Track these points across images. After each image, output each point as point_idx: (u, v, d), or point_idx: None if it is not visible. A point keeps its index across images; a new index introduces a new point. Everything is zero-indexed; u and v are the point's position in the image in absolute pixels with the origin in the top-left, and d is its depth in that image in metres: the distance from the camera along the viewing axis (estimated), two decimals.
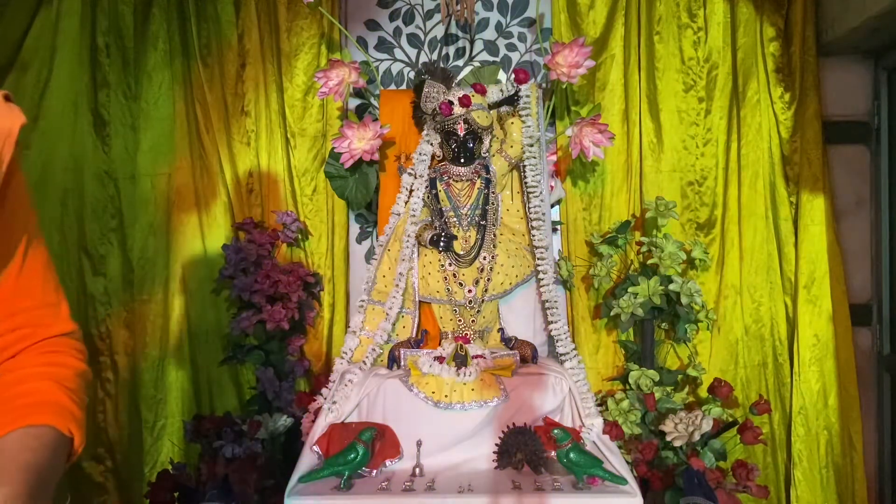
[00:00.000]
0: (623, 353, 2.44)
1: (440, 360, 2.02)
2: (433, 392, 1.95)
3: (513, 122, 2.18)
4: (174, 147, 2.50)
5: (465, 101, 2.07)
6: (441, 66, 2.35)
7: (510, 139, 2.18)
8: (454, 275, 2.12)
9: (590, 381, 2.11)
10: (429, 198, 2.18)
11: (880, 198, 2.53)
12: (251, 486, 1.90)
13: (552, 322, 2.15)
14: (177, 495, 2.04)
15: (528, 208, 2.18)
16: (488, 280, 2.13)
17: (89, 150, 2.49)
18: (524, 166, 2.18)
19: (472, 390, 1.94)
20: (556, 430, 1.78)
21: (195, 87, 2.49)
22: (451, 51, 2.53)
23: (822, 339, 2.45)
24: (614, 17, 2.47)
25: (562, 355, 2.11)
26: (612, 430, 2.05)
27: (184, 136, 2.51)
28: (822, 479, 2.44)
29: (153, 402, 2.49)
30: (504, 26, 2.51)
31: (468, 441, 1.91)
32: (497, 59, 2.50)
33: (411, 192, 2.20)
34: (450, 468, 1.86)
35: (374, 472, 1.84)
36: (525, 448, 1.83)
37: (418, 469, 1.85)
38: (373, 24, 2.52)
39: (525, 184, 2.19)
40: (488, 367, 2.01)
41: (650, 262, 2.30)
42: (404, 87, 2.50)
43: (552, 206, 2.41)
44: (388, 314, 2.13)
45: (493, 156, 2.19)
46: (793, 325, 2.47)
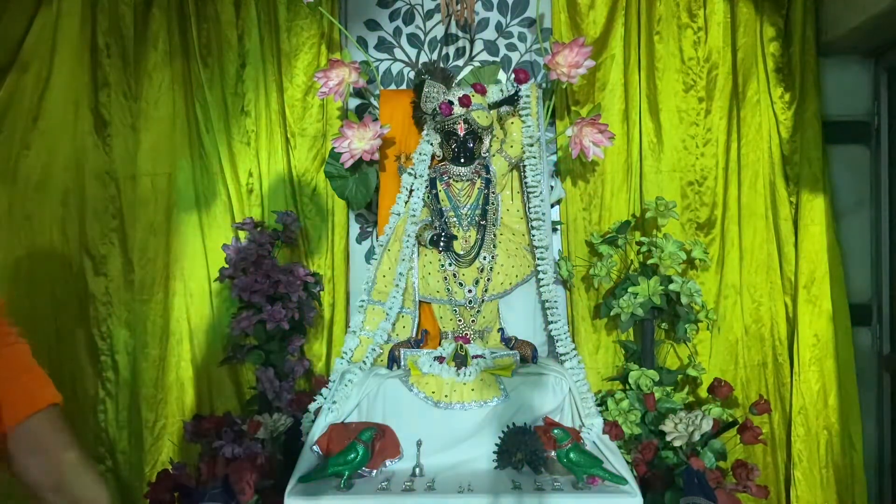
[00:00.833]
0: (623, 353, 2.44)
1: (440, 360, 2.02)
2: (433, 392, 1.95)
3: (513, 122, 2.18)
4: (174, 147, 2.50)
5: (465, 101, 2.07)
6: (441, 66, 2.35)
7: (510, 139, 2.19)
8: (454, 275, 2.12)
9: (590, 381, 2.11)
10: (429, 198, 2.18)
11: (880, 198, 2.53)
12: (251, 486, 1.90)
13: (552, 322, 2.15)
14: (177, 495, 2.03)
15: (528, 208, 2.18)
16: (488, 280, 2.13)
17: (90, 150, 2.50)
18: (524, 166, 2.18)
19: (472, 390, 1.94)
20: (556, 430, 1.78)
21: (195, 87, 2.49)
22: (451, 51, 2.53)
23: (822, 339, 2.45)
24: (614, 17, 2.47)
25: (562, 355, 2.11)
26: (612, 430, 2.05)
27: (184, 136, 2.51)
28: (822, 479, 2.44)
29: (153, 402, 2.49)
30: (504, 26, 2.51)
31: (468, 441, 1.91)
32: (497, 59, 2.50)
33: (411, 192, 2.20)
34: (450, 468, 1.86)
35: (374, 472, 1.84)
36: (525, 448, 1.84)
37: (418, 469, 1.85)
38: (373, 24, 2.52)
39: (525, 184, 2.19)
40: (488, 367, 2.01)
41: (650, 261, 2.30)
42: (404, 87, 2.50)
43: (552, 206, 2.42)
44: (388, 314, 2.13)
45: (493, 156, 2.20)
46: (793, 324, 2.47)
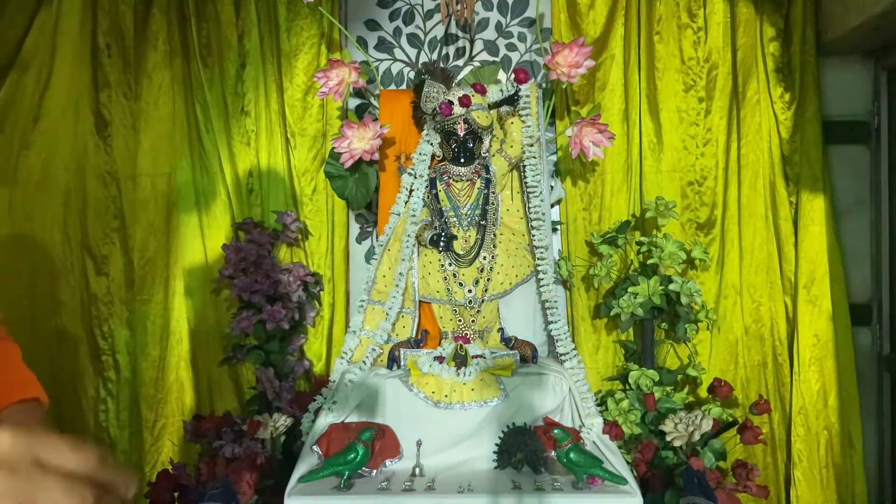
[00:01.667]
0: (623, 352, 2.44)
1: (440, 360, 2.02)
2: (433, 392, 1.95)
3: (513, 122, 2.18)
4: (174, 147, 2.50)
5: (465, 101, 2.07)
6: (441, 66, 2.35)
7: (510, 139, 2.19)
8: (454, 275, 2.12)
9: (590, 381, 2.11)
10: (429, 198, 2.18)
11: (880, 198, 2.53)
12: (251, 486, 1.90)
13: (552, 322, 2.15)
14: (177, 495, 2.03)
15: (528, 208, 2.18)
16: (488, 280, 2.13)
17: (91, 151, 2.49)
18: (524, 166, 2.18)
19: (472, 390, 1.94)
20: (556, 430, 1.78)
21: (195, 87, 2.49)
22: (451, 51, 2.53)
23: (822, 339, 2.45)
24: (614, 17, 2.47)
25: (562, 355, 2.11)
26: (612, 430, 2.05)
27: (184, 136, 2.50)
28: (822, 479, 2.44)
29: (153, 402, 2.49)
30: (504, 26, 2.51)
31: (468, 441, 1.91)
32: (497, 59, 2.50)
33: (411, 192, 2.20)
34: (450, 468, 1.86)
35: (374, 472, 1.84)
36: (525, 448, 1.83)
37: (418, 469, 1.85)
38: (373, 24, 2.52)
39: (525, 184, 2.19)
40: (488, 367, 2.01)
41: (650, 261, 2.30)
42: (404, 87, 2.50)
43: (552, 206, 2.42)
44: (388, 314, 2.13)
45: (493, 156, 2.19)
46: (793, 324, 2.47)
